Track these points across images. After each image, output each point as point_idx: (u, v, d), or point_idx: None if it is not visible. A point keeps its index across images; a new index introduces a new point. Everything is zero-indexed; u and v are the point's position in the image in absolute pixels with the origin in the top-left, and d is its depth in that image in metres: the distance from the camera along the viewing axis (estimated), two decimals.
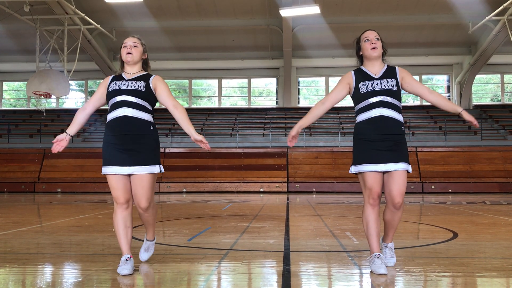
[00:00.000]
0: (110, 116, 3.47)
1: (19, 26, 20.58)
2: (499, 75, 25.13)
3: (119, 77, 3.59)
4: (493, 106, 24.70)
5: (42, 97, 19.15)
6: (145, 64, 3.68)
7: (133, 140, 3.42)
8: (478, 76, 24.18)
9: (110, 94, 3.50)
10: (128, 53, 3.54)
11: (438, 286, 3.13)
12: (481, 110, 23.76)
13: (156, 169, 3.47)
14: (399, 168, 3.40)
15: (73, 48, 19.91)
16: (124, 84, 3.49)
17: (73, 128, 3.58)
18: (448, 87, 25.31)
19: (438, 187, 18.50)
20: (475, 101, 24.89)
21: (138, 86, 3.48)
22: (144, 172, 3.42)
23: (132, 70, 3.60)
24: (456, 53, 23.99)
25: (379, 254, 3.41)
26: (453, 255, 4.21)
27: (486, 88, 26.19)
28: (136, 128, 3.43)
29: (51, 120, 23.86)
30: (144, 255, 3.81)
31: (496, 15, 18.81)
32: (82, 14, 18.81)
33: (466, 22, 20.94)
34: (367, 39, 3.59)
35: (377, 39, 3.58)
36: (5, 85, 27.09)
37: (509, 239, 5.25)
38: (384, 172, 3.46)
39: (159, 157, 3.55)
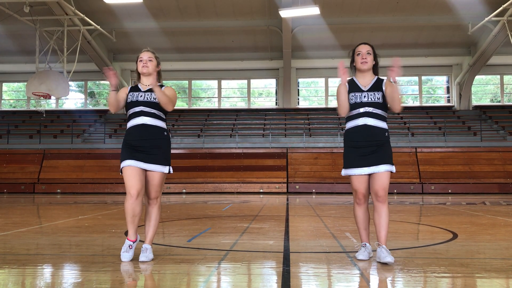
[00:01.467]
0: (130, 123, 3.99)
1: (19, 27, 20.59)
2: (498, 76, 25.15)
3: (135, 88, 4.09)
4: (493, 107, 24.71)
5: (42, 98, 19.17)
6: (158, 74, 4.11)
7: (150, 144, 3.93)
8: (477, 77, 24.19)
9: (129, 105, 4.01)
10: (144, 66, 4.04)
11: (437, 287, 3.13)
12: (480, 111, 23.78)
13: (166, 169, 3.99)
14: (381, 170, 3.85)
15: (72, 49, 19.92)
16: (141, 96, 4.00)
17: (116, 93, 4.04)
18: (448, 88, 25.32)
19: (438, 188, 18.51)
20: (474, 102, 24.90)
21: (154, 98, 3.98)
22: (156, 170, 3.94)
23: (148, 82, 4.08)
24: (455, 54, 24.00)
25: (365, 244, 3.97)
26: (453, 255, 4.21)
27: (486, 89, 26.20)
28: (152, 134, 3.95)
29: (50, 121, 23.86)
30: (142, 256, 3.89)
31: (496, 16, 18.84)
32: (82, 15, 18.82)
33: (465, 23, 20.97)
34: (359, 53, 4.00)
35: (368, 53, 3.98)
36: (5, 86, 27.09)
37: (509, 239, 5.26)
38: (369, 174, 3.91)
39: (169, 159, 4.06)
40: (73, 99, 26.86)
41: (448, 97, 25.18)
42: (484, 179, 18.68)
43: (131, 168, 3.87)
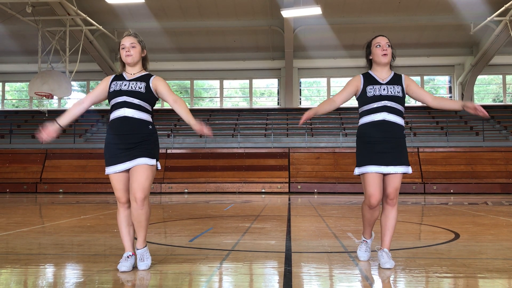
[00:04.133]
0: (112, 116, 3.58)
1: (21, 27, 20.63)
2: (500, 76, 25.11)
3: (120, 77, 3.66)
4: (495, 107, 24.66)
5: (44, 97, 19.19)
6: (144, 60, 3.72)
7: (132, 139, 3.51)
8: (479, 77, 24.16)
9: (112, 95, 3.57)
10: (128, 55, 3.59)
11: (439, 287, 3.12)
12: None
13: (152, 161, 3.51)
14: (398, 171, 3.62)
15: (75, 49, 19.96)
16: (125, 85, 3.57)
17: (64, 119, 3.68)
18: (450, 88, 25.29)
19: (440, 188, 18.48)
20: (476, 102, 24.86)
21: (139, 88, 3.56)
22: (140, 163, 3.48)
23: (133, 70, 3.66)
24: (457, 54, 23.97)
25: (367, 241, 3.88)
26: (455, 256, 4.20)
27: (488, 89, 26.16)
28: (135, 128, 3.52)
29: (53, 121, 23.87)
30: (142, 265, 3.55)
31: (498, 15, 18.81)
32: (84, 15, 18.84)
33: (467, 23, 20.93)
34: (379, 45, 3.71)
35: (388, 45, 3.71)
36: (8, 86, 27.15)
37: (511, 240, 5.25)
38: (384, 174, 3.66)
39: (157, 154, 3.60)
40: (75, 99, 26.88)
41: (450, 96, 25.14)
42: (486, 179, 18.65)
43: (116, 176, 3.54)
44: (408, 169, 3.66)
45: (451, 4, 19.75)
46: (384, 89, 3.65)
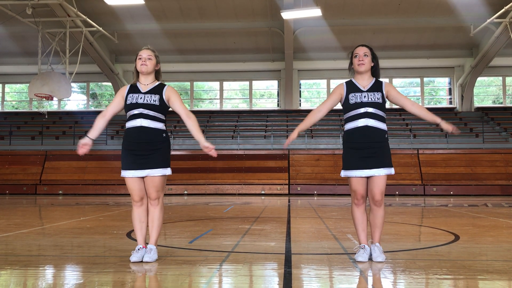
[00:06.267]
0: (129, 124, 3.99)
1: (21, 28, 20.64)
2: (500, 78, 25.13)
3: (135, 89, 4.04)
4: (495, 109, 24.68)
5: (44, 99, 19.19)
6: (157, 73, 4.12)
7: (148, 147, 3.93)
8: (479, 79, 24.16)
9: (128, 107, 3.99)
10: (143, 65, 3.99)
11: None
12: (482, 113, 23.74)
13: (167, 171, 3.98)
14: (381, 173, 3.90)
15: (75, 50, 19.97)
16: (141, 98, 3.96)
17: (94, 133, 4.15)
18: (450, 90, 25.30)
19: (440, 190, 18.48)
20: (476, 104, 24.87)
21: (153, 101, 3.96)
22: (157, 174, 3.94)
23: (147, 81, 4.05)
24: (457, 56, 23.97)
25: (364, 245, 3.99)
26: (455, 257, 4.20)
27: (488, 91, 26.17)
28: (151, 136, 3.94)
29: (53, 122, 23.90)
30: (146, 257, 3.93)
31: (498, 17, 18.83)
32: (84, 17, 18.86)
33: (467, 25, 20.95)
34: (356, 55, 4.03)
35: (366, 55, 4.01)
36: (7, 87, 27.16)
37: (511, 241, 5.24)
38: (368, 176, 3.95)
39: (169, 161, 4.05)
40: (75, 101, 26.90)
41: (450, 98, 25.15)
42: (486, 181, 18.64)
43: (132, 179, 3.96)
44: (391, 170, 3.94)
45: (451, 5, 19.77)
46: (365, 96, 3.94)
